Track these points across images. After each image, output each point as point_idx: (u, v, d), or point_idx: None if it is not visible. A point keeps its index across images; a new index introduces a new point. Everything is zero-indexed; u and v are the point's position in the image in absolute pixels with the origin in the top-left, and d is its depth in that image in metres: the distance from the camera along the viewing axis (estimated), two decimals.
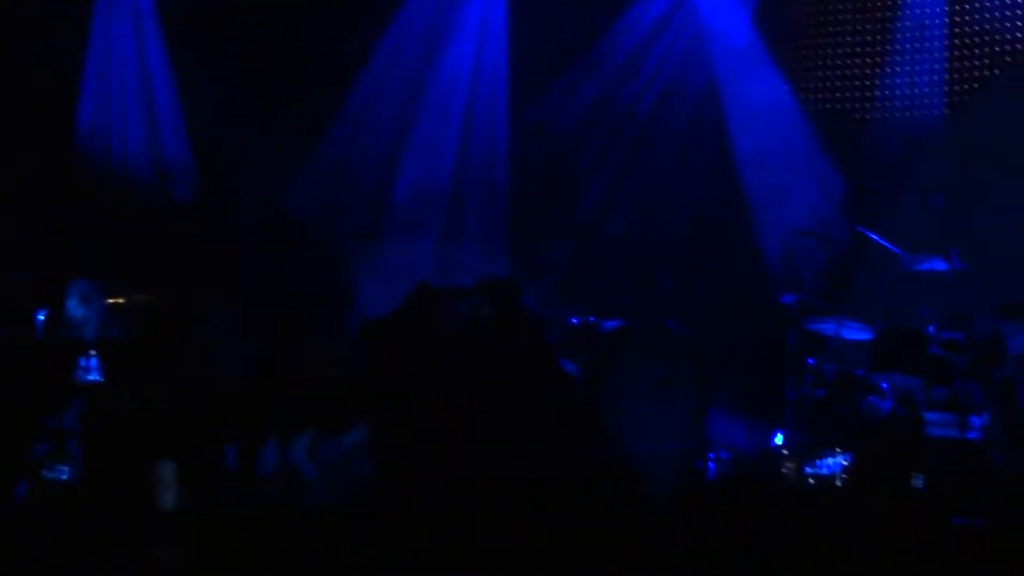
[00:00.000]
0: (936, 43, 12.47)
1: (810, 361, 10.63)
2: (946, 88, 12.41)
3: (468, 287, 4.42)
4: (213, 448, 4.62)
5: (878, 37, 12.58)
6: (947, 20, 12.43)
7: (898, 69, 12.58)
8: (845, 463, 9.78)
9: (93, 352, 8.31)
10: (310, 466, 4.38)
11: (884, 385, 10.35)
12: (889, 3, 12.57)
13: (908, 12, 12.57)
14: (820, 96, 12.82)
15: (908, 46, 12.60)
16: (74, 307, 9.29)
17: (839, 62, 12.66)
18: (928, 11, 12.52)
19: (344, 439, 4.39)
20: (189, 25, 12.21)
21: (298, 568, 3.55)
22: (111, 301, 10.12)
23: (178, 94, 12.42)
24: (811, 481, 9.79)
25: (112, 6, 12.28)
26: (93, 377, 8.22)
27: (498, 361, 9.71)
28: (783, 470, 10.07)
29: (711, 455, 10.42)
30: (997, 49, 12.20)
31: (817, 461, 9.86)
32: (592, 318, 10.92)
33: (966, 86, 12.33)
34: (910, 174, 12.43)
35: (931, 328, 10.69)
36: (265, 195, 12.46)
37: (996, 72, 12.12)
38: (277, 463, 4.42)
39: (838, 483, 9.65)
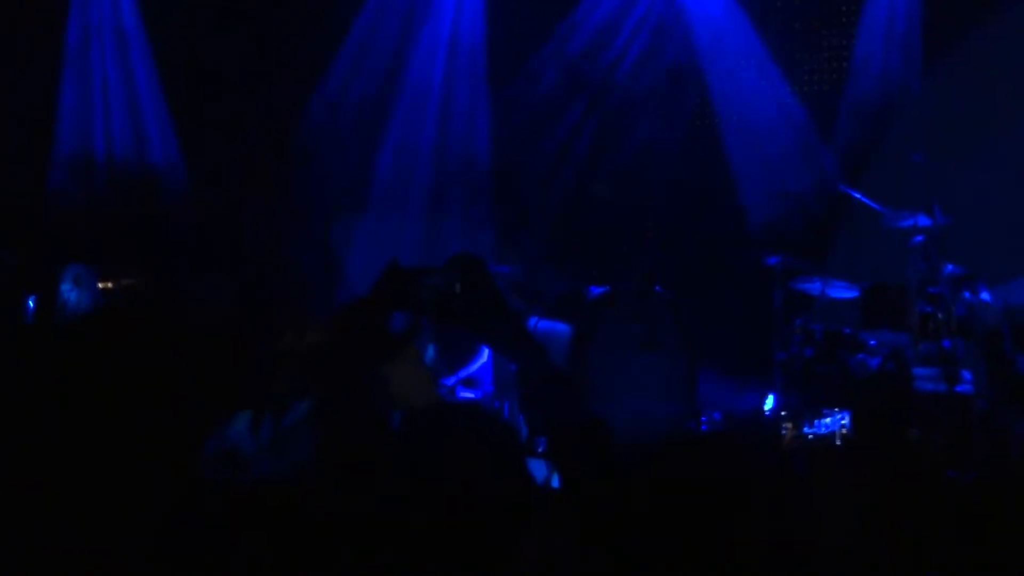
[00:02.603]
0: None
1: (798, 321, 10.74)
2: (923, 42, 12.41)
3: (437, 266, 4.39)
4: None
5: None
6: None
7: (875, 25, 12.65)
8: (844, 422, 9.84)
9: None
10: (250, 442, 4.25)
11: (872, 342, 10.46)
12: None
13: None
14: (798, 55, 12.81)
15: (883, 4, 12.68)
16: (68, 290, 9.45)
17: (816, 21, 12.67)
18: None
19: (285, 416, 4.34)
20: (168, 23, 12.49)
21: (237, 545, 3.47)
22: (103, 285, 10.25)
23: (161, 92, 12.75)
24: (810, 439, 9.81)
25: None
26: None
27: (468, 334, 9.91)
28: (782, 431, 10.07)
29: (703, 417, 10.51)
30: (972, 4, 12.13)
31: (816, 420, 9.92)
32: (579, 285, 10.94)
33: (944, 39, 12.24)
34: (890, 131, 12.48)
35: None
36: (250, 176, 12.59)
37: (973, 26, 12.00)
38: (217, 440, 4.21)
39: (837, 441, 9.67)
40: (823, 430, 9.88)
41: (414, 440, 3.39)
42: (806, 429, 9.87)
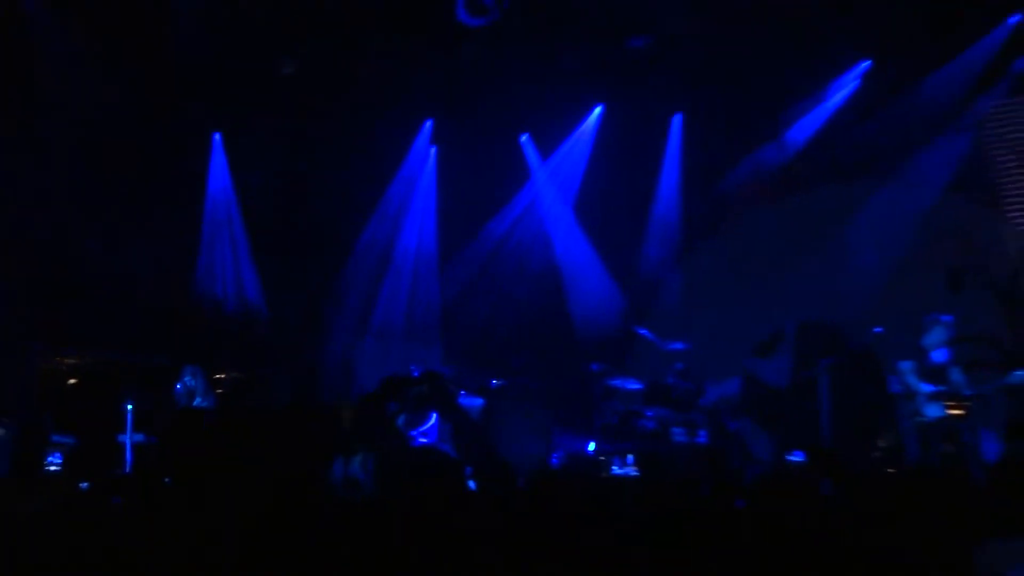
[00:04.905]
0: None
1: (609, 402, 13.67)
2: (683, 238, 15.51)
3: (416, 377, 5.15)
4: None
5: None
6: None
7: (654, 229, 15.51)
8: (633, 460, 12.33)
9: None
10: (362, 473, 4.80)
11: (650, 414, 13.35)
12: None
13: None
14: (612, 244, 15.69)
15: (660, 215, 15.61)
16: (188, 380, 11.43)
17: (621, 226, 15.56)
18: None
19: (380, 458, 4.89)
20: (258, 217, 15.87)
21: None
22: (218, 376, 12.94)
23: (253, 260, 15.97)
24: (616, 471, 12.12)
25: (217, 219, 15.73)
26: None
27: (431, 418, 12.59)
28: (599, 464, 12.42)
29: (555, 454, 13.11)
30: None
31: (622, 458, 12.42)
32: (487, 380, 13.84)
33: (699, 234, 15.46)
34: (664, 291, 15.77)
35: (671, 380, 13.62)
36: (304, 313, 16.04)
37: (723, 222, 15.07)
38: (342, 469, 4.83)
39: (632, 472, 11.98)
40: (621, 466, 12.34)
41: (404, 468, 4.28)
42: (614, 469, 12.24)
